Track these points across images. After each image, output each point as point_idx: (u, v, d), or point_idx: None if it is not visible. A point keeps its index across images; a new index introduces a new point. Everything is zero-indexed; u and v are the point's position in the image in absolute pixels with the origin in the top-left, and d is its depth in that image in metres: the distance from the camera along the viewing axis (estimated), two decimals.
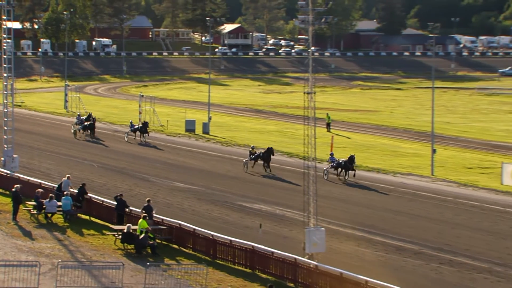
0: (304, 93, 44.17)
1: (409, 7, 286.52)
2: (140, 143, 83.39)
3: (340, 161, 68.25)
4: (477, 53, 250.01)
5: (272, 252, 42.62)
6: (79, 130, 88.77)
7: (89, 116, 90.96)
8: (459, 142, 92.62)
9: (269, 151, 70.76)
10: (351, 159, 67.34)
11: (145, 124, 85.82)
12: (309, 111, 43.79)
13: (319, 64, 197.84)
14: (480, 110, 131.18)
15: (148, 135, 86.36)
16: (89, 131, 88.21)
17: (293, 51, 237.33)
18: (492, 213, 58.89)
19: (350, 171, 67.58)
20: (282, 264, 41.77)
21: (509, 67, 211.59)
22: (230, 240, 44.81)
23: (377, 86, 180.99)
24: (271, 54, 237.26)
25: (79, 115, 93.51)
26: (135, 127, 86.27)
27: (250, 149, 73.46)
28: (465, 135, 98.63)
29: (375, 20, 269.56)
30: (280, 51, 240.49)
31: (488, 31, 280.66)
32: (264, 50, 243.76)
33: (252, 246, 43.55)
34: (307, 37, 46.27)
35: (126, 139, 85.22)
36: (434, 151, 73.55)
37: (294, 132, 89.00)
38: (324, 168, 67.47)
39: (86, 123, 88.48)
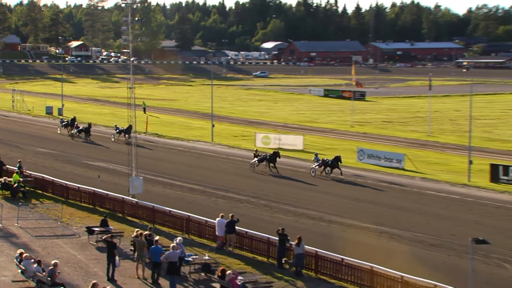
0: (127, 87, 44.86)
1: (196, 31, 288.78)
2: (126, 142, 69.10)
3: (327, 160, 55.24)
4: (239, 63, 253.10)
5: (107, 194, 42.45)
6: (76, 133, 73.46)
7: (74, 119, 77.09)
8: (228, 120, 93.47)
9: (275, 154, 56.60)
10: (337, 158, 54.72)
11: (130, 127, 70.17)
12: (131, 100, 44.12)
13: (138, 69, 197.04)
14: (241, 99, 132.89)
15: (130, 137, 71.71)
16: (84, 133, 73.28)
17: (120, 60, 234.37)
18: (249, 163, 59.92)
19: (335, 169, 54.54)
20: (114, 201, 41.65)
21: (259, 71, 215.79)
22: (78, 187, 44.36)
23: (176, 84, 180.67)
24: (105, 62, 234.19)
25: (61, 119, 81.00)
26: (120, 129, 72.55)
27: (254, 152, 58.53)
28: (232, 115, 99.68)
29: (174, 40, 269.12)
30: (111, 60, 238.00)
31: (245, 48, 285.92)
32: (99, 59, 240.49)
33: (94, 190, 43.25)
34: (129, 50, 45.94)
35: (112, 139, 71.96)
36: (213, 125, 74.17)
37: (122, 114, 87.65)
38: (311, 167, 55.61)
39: (81, 127, 73.95)
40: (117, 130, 72.09)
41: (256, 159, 56.98)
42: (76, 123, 75.71)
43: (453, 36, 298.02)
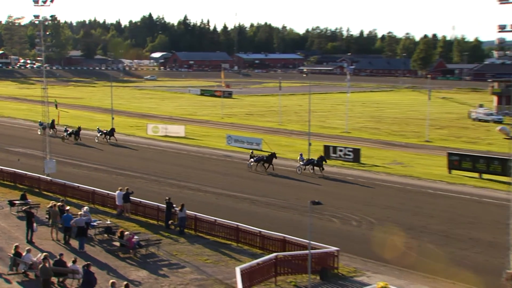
0: (41, 88, 43.69)
1: (98, 44, 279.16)
2: (110, 143, 61.77)
3: (312, 160, 47.96)
4: (133, 69, 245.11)
5: (26, 173, 40.78)
6: (66, 136, 62.57)
7: (53, 122, 66.76)
8: (125, 113, 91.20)
9: (272, 156, 48.55)
10: (322, 158, 47.85)
11: (112, 130, 63.37)
12: (44, 98, 42.78)
13: (50, 73, 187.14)
14: (135, 97, 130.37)
15: (115, 138, 62.48)
16: (74, 136, 62.50)
17: (35, 66, 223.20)
18: (143, 148, 58.74)
19: (320, 167, 47.21)
20: (32, 179, 40.14)
21: (149, 76, 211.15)
22: (1, 168, 42.52)
23: (82, 85, 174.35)
24: (22, 67, 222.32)
25: (40, 121, 67.62)
26: (103, 131, 63.47)
27: (250, 153, 50.20)
28: (128, 110, 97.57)
29: (79, 50, 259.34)
30: (27, 66, 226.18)
31: (138, 57, 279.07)
32: (18, 65, 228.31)
33: (14, 171, 41.54)
34: (42, 58, 44.27)
35: (96, 140, 62.44)
36: (112, 118, 72.21)
37: (37, 109, 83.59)
38: (298, 166, 48.08)
39: (70, 131, 63.05)
40: (100, 133, 63.43)
41: (252, 159, 48.71)
42: (65, 126, 66.12)
43: (296, 49, 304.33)
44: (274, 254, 25.18)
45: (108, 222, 30.98)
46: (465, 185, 43.66)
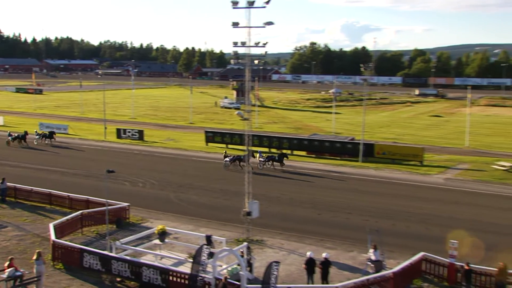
0: None
1: None
2: (51, 145, 46.91)
3: (273, 156, 38.09)
4: None
5: None
6: (12, 140, 46.80)
7: None
8: None
9: (249, 154, 34.21)
10: (283, 154, 37.91)
11: (52, 133, 48.55)
12: None
13: None
14: None
15: (54, 139, 48.35)
16: (20, 140, 46.93)
17: None
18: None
19: (280, 162, 37.53)
20: None
21: None
22: None
23: None
24: None
25: None
26: (42, 134, 48.37)
27: (224, 153, 39.88)
28: None
29: None
30: None
31: None
32: None
33: None
34: None
35: (35, 142, 47.27)
36: None
37: None
38: (259, 161, 37.79)
39: (15, 135, 47.24)
40: (38, 136, 48.46)
41: (227, 159, 38.19)
42: (9, 131, 49.73)
43: (92, 57, 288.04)
44: (80, 211, 24.03)
45: None
46: (216, 153, 45.68)
